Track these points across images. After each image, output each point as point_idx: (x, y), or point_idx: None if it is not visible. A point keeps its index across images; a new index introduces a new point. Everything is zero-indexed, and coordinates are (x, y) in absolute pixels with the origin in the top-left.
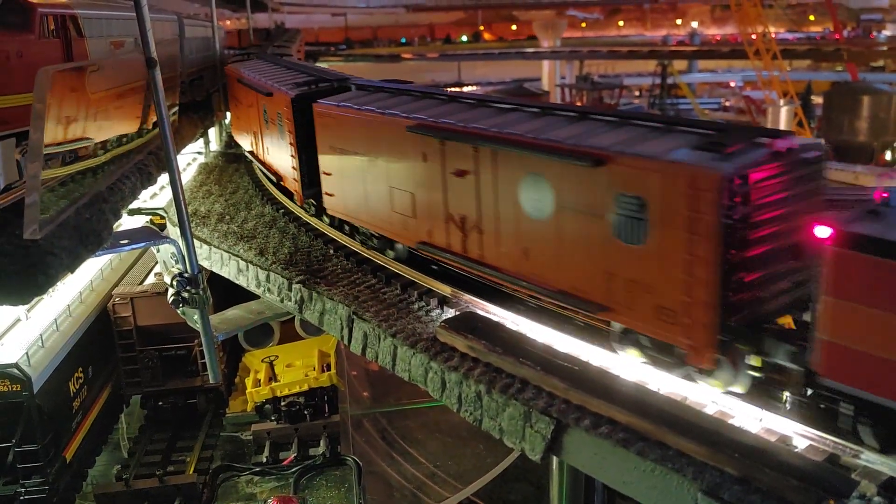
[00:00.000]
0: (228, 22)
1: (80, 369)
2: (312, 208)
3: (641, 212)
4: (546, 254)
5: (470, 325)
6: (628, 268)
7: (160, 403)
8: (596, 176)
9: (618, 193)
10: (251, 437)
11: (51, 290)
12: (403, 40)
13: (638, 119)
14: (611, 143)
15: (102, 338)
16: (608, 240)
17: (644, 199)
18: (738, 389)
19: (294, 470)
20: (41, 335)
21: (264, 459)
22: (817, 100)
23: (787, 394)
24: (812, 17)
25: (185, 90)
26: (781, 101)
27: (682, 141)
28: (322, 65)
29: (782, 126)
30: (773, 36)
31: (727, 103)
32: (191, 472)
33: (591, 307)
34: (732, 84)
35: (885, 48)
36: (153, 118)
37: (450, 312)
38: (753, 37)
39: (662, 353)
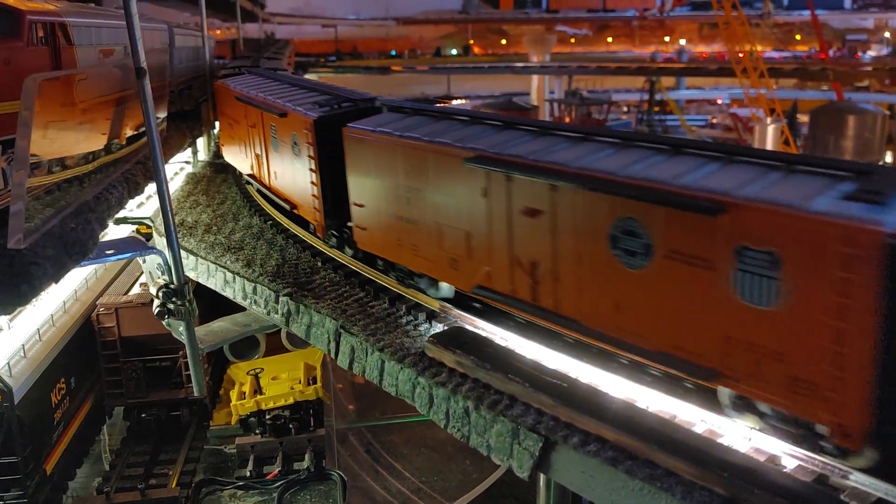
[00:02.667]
0: (218, 31)
1: (63, 380)
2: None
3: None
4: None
5: (458, 340)
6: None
7: (143, 415)
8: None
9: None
10: (235, 451)
11: (34, 299)
12: (393, 52)
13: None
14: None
15: (86, 348)
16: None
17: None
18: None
19: (278, 484)
20: (23, 345)
21: (248, 473)
22: (803, 118)
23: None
24: (798, 37)
25: (174, 100)
26: (768, 119)
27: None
28: (311, 76)
29: (769, 144)
30: (760, 54)
31: (714, 120)
32: (173, 485)
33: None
34: (720, 101)
35: (869, 68)
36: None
37: (438, 327)
38: (741, 55)
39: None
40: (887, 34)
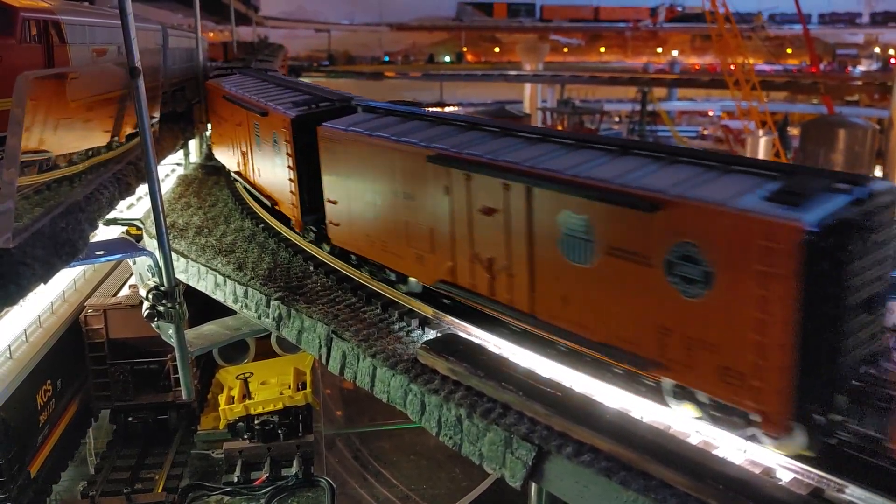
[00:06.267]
0: (212, 34)
1: (49, 382)
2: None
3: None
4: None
5: (451, 347)
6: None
7: (130, 418)
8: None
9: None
10: (223, 456)
11: (21, 300)
12: (386, 58)
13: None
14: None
15: (73, 350)
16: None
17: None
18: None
19: (266, 490)
20: (9, 346)
21: (235, 479)
22: (794, 131)
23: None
24: (790, 50)
25: (166, 101)
26: (759, 132)
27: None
28: (305, 80)
29: (760, 156)
30: (752, 67)
31: (705, 132)
32: (159, 490)
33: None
34: (711, 113)
35: (860, 83)
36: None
37: (431, 334)
38: (733, 67)
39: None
40: (877, 49)
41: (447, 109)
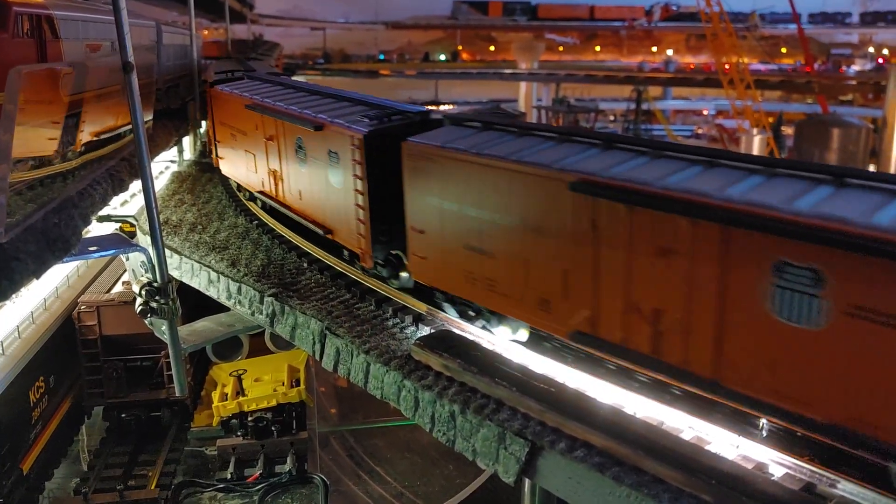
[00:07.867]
0: (206, 32)
1: (42, 378)
2: None
3: None
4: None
5: (445, 343)
6: None
7: (123, 415)
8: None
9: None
10: (216, 453)
11: (14, 296)
12: (382, 57)
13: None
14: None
15: (66, 346)
16: None
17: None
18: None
19: (259, 487)
20: (2, 342)
21: (229, 476)
22: (788, 130)
23: (763, 421)
24: (784, 50)
25: (160, 97)
26: (754, 131)
27: None
28: (301, 78)
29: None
30: (747, 66)
31: (700, 131)
32: (152, 486)
33: None
34: (705, 112)
35: (854, 82)
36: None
37: (425, 330)
38: (727, 66)
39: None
40: (871, 49)
41: (442, 108)
